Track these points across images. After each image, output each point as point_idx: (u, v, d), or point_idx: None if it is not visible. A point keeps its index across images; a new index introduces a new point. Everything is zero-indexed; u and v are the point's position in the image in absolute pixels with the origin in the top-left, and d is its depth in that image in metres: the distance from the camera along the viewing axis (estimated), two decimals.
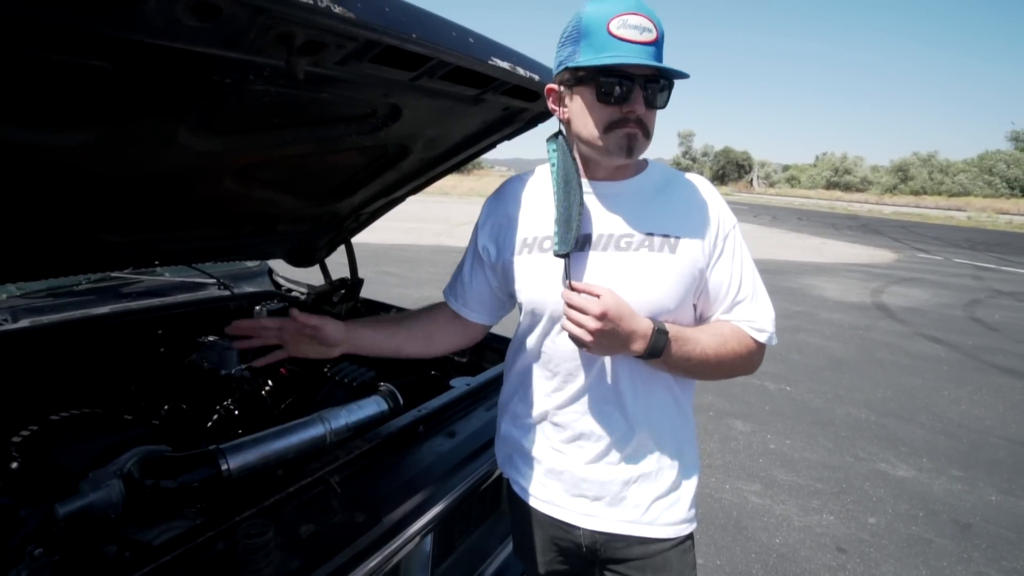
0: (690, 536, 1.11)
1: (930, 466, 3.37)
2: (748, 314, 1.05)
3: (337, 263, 2.37)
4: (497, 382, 1.67)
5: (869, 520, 2.80)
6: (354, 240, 2.30)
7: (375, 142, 1.54)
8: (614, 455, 1.06)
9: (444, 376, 1.93)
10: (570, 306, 0.94)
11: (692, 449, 1.14)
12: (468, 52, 1.02)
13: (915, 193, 51.63)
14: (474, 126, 1.64)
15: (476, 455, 1.32)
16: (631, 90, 0.92)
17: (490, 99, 1.37)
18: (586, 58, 0.92)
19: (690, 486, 1.11)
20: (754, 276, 1.08)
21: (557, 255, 0.99)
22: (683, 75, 0.93)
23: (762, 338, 1.06)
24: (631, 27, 0.89)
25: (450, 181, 27.57)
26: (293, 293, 2.49)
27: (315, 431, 1.40)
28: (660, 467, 1.08)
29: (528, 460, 1.14)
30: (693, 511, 1.11)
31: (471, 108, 1.44)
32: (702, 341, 1.01)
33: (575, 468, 1.08)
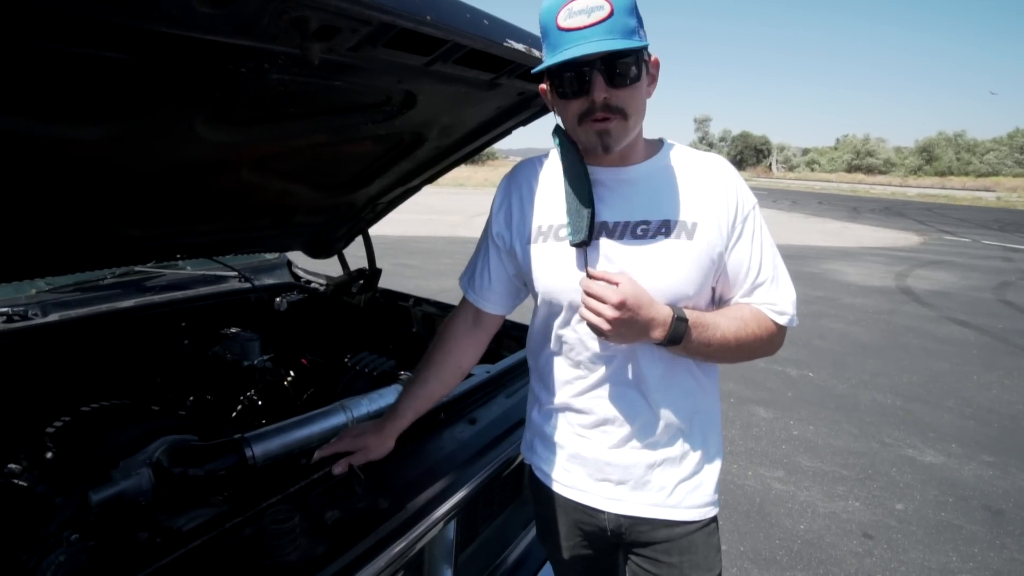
0: (714, 519, 1.11)
1: (960, 451, 3.30)
2: (769, 296, 1.04)
3: (355, 255, 2.38)
4: (516, 369, 1.67)
5: (896, 506, 2.76)
6: (371, 232, 2.30)
7: (390, 130, 1.54)
8: (638, 440, 1.06)
9: None
10: (589, 295, 0.93)
11: (716, 433, 1.13)
12: (483, 34, 1.01)
13: (940, 174, 50.21)
14: (489, 112, 1.62)
15: (497, 442, 1.32)
16: (588, 78, 0.90)
17: (505, 84, 1.35)
18: (547, 59, 0.92)
19: (714, 469, 1.10)
20: (775, 257, 1.06)
21: (572, 245, 0.99)
22: (630, 50, 0.88)
23: (783, 321, 1.04)
24: (577, 13, 0.86)
25: (464, 172, 27.57)
26: (312, 284, 2.51)
27: (337, 420, 1.41)
28: (684, 451, 1.07)
29: (551, 445, 1.14)
30: (717, 494, 1.11)
31: (486, 93, 1.42)
32: (722, 326, 0.99)
33: (599, 453, 1.07)
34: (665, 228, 0.99)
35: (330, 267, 2.50)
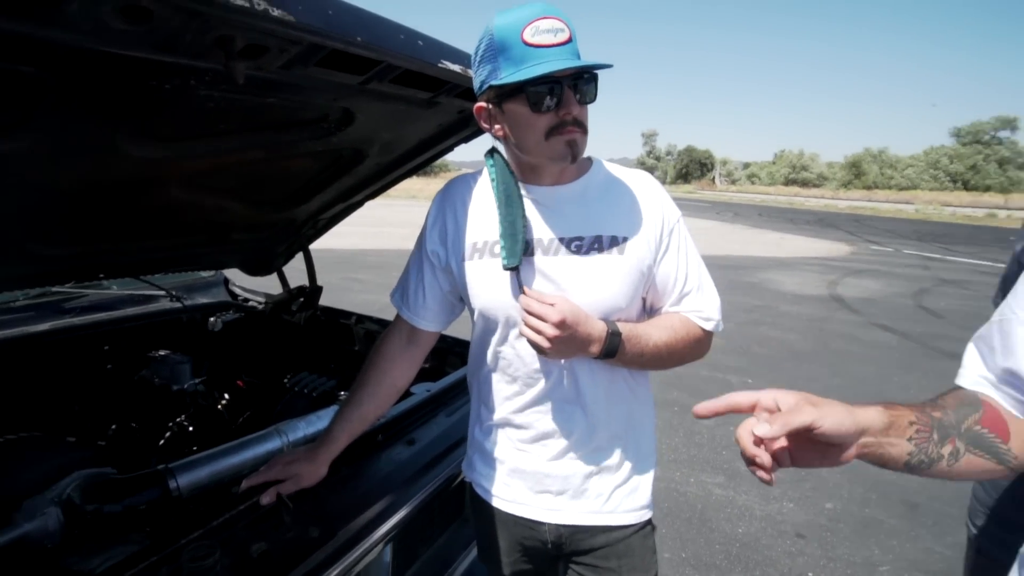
0: (650, 521, 1.15)
1: None
2: (695, 304, 1.09)
3: (296, 270, 2.32)
4: (458, 387, 1.67)
5: (826, 505, 2.90)
6: (318, 245, 2.25)
7: (329, 147, 1.51)
8: (576, 450, 1.08)
9: None
10: (529, 313, 0.95)
11: (649, 437, 1.17)
12: (417, 55, 1.01)
13: (867, 188, 53.74)
14: (430, 129, 1.63)
15: (436, 462, 1.31)
16: (562, 93, 0.92)
17: (444, 102, 1.36)
18: (509, 73, 0.91)
19: (649, 473, 1.15)
20: (699, 267, 1.12)
21: (506, 268, 1.00)
22: (607, 66, 0.93)
23: (709, 326, 1.10)
24: (544, 31, 0.89)
25: (416, 184, 27.34)
26: (250, 303, 2.43)
27: (271, 445, 1.37)
28: (621, 457, 1.11)
29: (491, 461, 1.15)
30: (651, 497, 1.15)
31: (426, 111, 1.43)
32: (654, 336, 1.04)
33: (538, 465, 1.09)
34: (597, 244, 1.03)
35: (270, 284, 2.43)
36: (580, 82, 0.93)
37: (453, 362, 2.07)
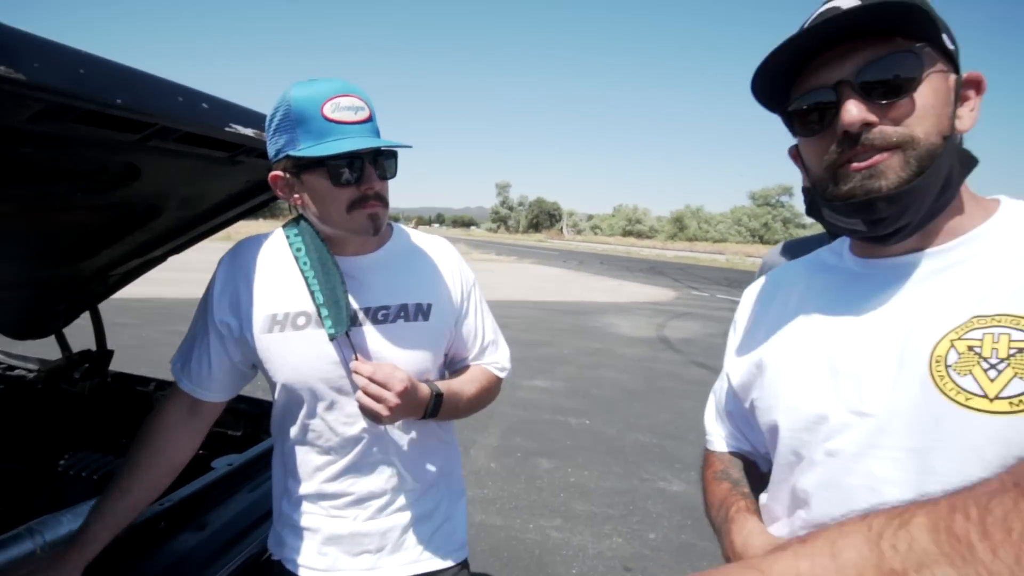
0: (466, 560, 1.19)
1: (697, 478, 3.90)
2: (493, 357, 1.23)
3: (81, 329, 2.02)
4: (267, 457, 1.55)
5: (650, 536, 3.14)
6: (141, 295, 2.00)
7: (112, 201, 1.38)
8: (392, 506, 1.10)
9: (211, 454, 1.73)
10: (373, 381, 0.94)
11: (459, 477, 1.24)
12: (199, 118, 0.98)
13: (689, 239, 61.76)
14: (238, 185, 1.56)
15: (228, 547, 1.20)
16: (363, 169, 0.95)
17: (248, 161, 1.32)
18: (307, 145, 0.92)
19: (462, 513, 1.21)
20: (493, 323, 1.24)
21: (333, 337, 1.00)
22: (406, 146, 0.98)
23: (503, 374, 1.24)
24: (345, 109, 0.92)
25: (252, 226, 25.53)
26: (16, 371, 2.05)
27: (19, 550, 1.14)
28: (436, 504, 1.15)
29: (302, 534, 1.10)
30: (465, 535, 1.20)
31: (231, 168, 1.37)
32: (466, 390, 1.13)
33: (355, 527, 1.08)
34: (404, 312, 1.07)
35: (48, 348, 2.08)
36: (380, 158, 0.97)
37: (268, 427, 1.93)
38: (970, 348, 0.55)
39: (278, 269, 1.06)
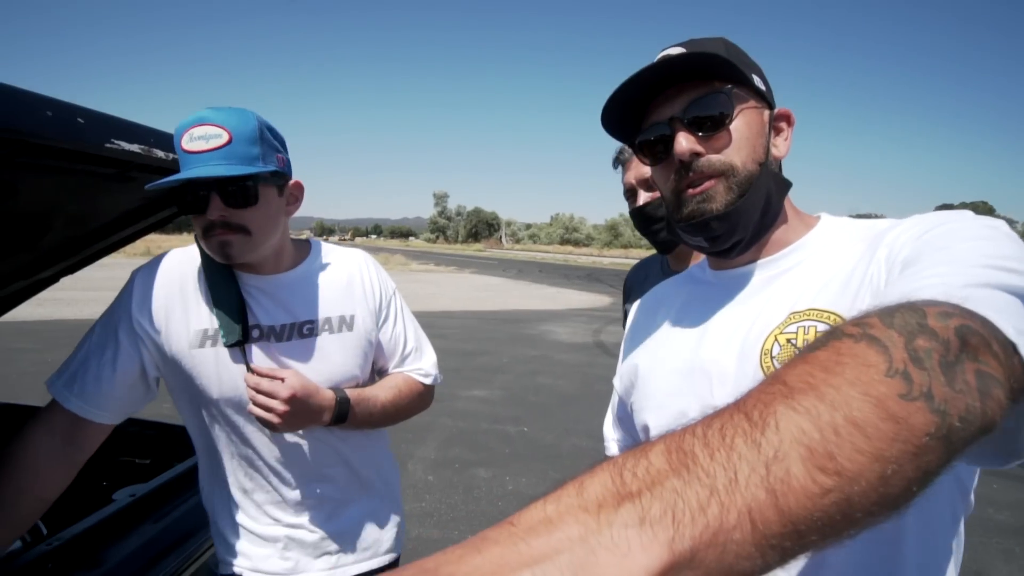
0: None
1: None
2: (416, 364, 1.25)
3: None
4: (176, 486, 1.47)
5: None
6: (42, 316, 1.83)
7: None
8: (345, 505, 1.15)
9: (113, 485, 1.63)
10: (258, 391, 0.97)
11: (395, 472, 1.30)
12: (72, 135, 0.93)
13: (624, 247, 63.60)
14: (134, 202, 1.48)
15: None
16: (207, 198, 0.96)
17: (140, 177, 1.26)
18: (174, 175, 0.96)
19: (400, 508, 1.28)
20: (416, 329, 1.27)
21: (227, 345, 1.02)
22: (248, 175, 0.96)
23: (428, 381, 1.27)
24: (197, 139, 0.94)
25: (171, 240, 24.17)
26: None
27: None
28: (382, 500, 1.22)
29: (259, 542, 1.12)
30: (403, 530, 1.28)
31: (124, 184, 1.30)
32: (380, 397, 1.15)
33: (317, 528, 1.12)
34: (328, 324, 1.12)
35: None
36: (234, 187, 0.97)
37: (182, 453, 1.83)
38: (788, 340, 0.64)
39: (202, 284, 1.08)
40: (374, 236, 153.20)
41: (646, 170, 1.30)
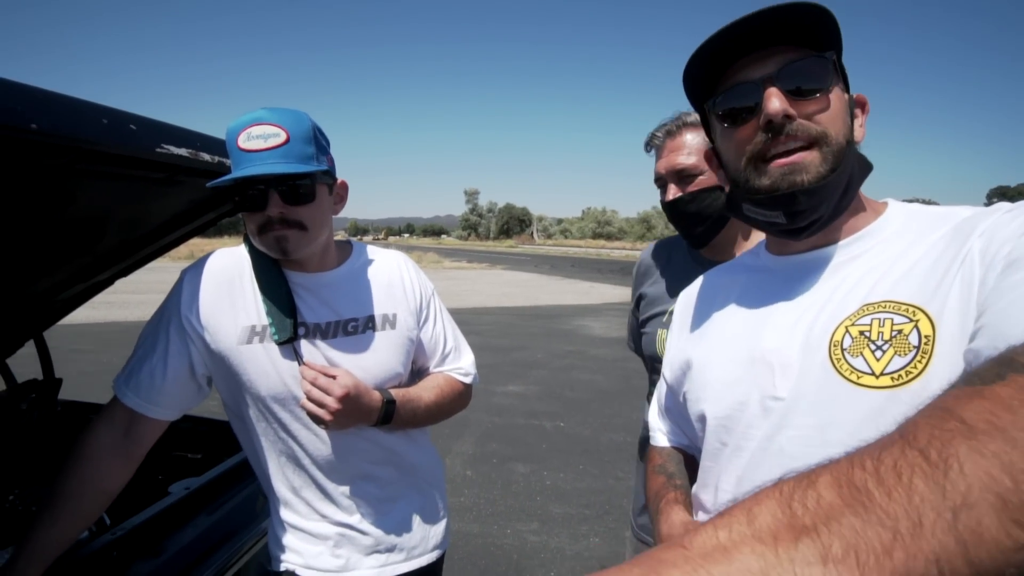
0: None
1: None
2: (455, 363, 1.27)
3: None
4: (227, 480, 1.52)
5: (626, 534, 3.15)
6: (97, 319, 1.92)
7: (47, 225, 1.34)
8: (394, 501, 1.17)
9: (168, 478, 1.70)
10: (313, 385, 1.00)
11: (440, 466, 1.31)
12: (125, 141, 0.96)
13: (657, 239, 62.72)
14: (181, 205, 1.53)
15: (187, 572, 1.17)
16: (265, 195, 0.99)
17: (188, 181, 1.30)
18: (231, 173, 0.98)
19: (446, 506, 1.29)
20: (454, 329, 1.29)
21: (278, 342, 1.04)
22: (306, 172, 0.99)
23: (468, 380, 1.28)
24: (255, 137, 0.96)
25: (226, 241, 25.01)
26: None
27: None
28: (428, 495, 1.24)
29: (310, 539, 1.13)
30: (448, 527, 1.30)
31: (171, 188, 1.34)
32: (424, 398, 1.16)
33: (367, 526, 1.13)
34: (372, 322, 1.14)
35: None
36: (291, 184, 0.99)
37: (233, 448, 1.89)
38: (861, 332, 0.61)
39: (249, 282, 1.10)
40: (407, 235, 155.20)
41: (677, 160, 1.24)
